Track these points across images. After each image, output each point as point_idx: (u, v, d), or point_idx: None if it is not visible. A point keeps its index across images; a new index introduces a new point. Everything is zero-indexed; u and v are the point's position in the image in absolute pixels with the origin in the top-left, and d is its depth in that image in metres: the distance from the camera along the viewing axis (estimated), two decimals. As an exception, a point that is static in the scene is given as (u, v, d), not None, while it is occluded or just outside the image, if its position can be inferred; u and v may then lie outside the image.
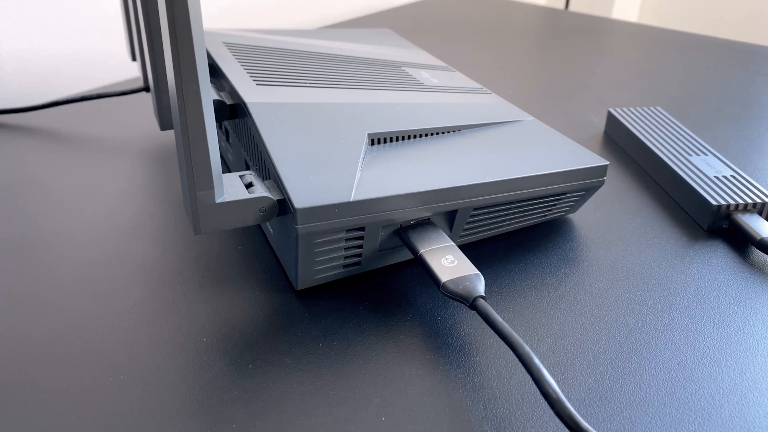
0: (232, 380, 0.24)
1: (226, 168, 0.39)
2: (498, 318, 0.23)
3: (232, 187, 0.26)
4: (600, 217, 0.34)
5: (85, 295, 0.28)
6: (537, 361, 0.21)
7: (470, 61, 0.59)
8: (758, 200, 0.33)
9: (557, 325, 0.27)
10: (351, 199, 0.26)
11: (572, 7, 1.37)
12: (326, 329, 0.26)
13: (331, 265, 0.28)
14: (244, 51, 0.38)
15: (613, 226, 0.33)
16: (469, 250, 0.31)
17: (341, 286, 0.29)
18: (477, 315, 0.27)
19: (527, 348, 0.22)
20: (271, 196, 0.26)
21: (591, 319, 0.27)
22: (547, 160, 0.31)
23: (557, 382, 0.24)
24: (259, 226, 0.33)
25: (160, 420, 0.22)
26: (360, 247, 0.28)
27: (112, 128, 0.44)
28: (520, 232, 0.33)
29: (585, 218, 0.34)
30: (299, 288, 0.28)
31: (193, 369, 0.24)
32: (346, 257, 0.28)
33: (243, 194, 0.25)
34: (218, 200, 0.25)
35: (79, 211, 0.34)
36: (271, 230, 0.30)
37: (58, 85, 0.53)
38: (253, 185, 0.26)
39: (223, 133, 0.37)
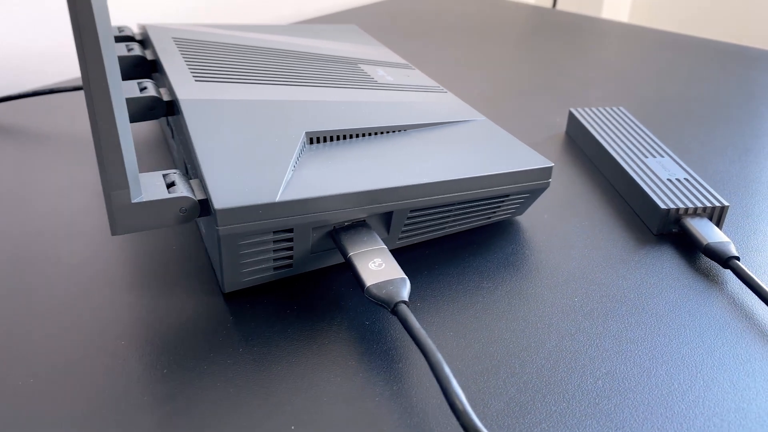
0: (144, 385, 0.23)
1: (180, 166, 0.38)
2: (416, 324, 0.23)
3: (152, 187, 0.25)
4: (548, 220, 0.33)
5: (5, 296, 0.27)
6: (447, 369, 0.21)
7: (443, 58, 0.58)
8: (708, 204, 0.32)
9: (487, 331, 0.26)
10: (276, 200, 0.25)
11: (561, 6, 1.36)
12: (249, 334, 0.25)
13: (260, 267, 0.27)
14: (191, 46, 0.37)
15: (560, 228, 0.33)
16: (409, 252, 0.31)
17: (272, 288, 0.28)
18: (406, 320, 0.26)
19: (439, 356, 0.21)
20: (192, 196, 0.25)
21: (523, 325, 0.26)
22: (489, 161, 0.30)
23: (479, 391, 0.23)
24: (195, 225, 0.32)
25: (64, 426, 0.21)
26: (290, 249, 0.27)
27: (62, 124, 0.43)
28: (463, 234, 0.32)
29: (532, 220, 0.33)
30: (226, 291, 0.27)
31: (107, 373, 0.24)
32: (275, 259, 0.27)
33: (162, 194, 0.25)
34: (135, 200, 0.24)
35: (17, 208, 0.33)
36: (203, 230, 0.30)
37: (9, 80, 0.53)
38: (175, 184, 0.26)
39: (170, 130, 0.37)
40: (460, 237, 0.32)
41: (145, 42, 0.40)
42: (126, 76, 0.36)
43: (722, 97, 0.50)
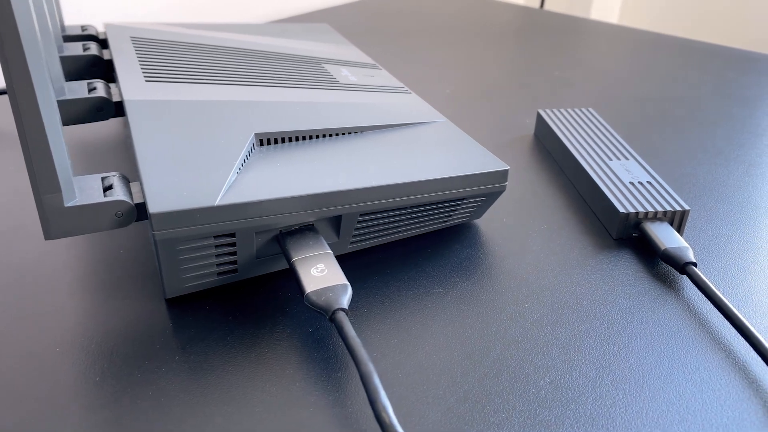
0: (74, 395, 0.22)
1: (134, 168, 0.38)
2: (351, 333, 0.22)
3: (88, 190, 0.25)
4: (507, 223, 0.33)
5: (-55, 301, 0.27)
6: (376, 380, 0.20)
7: (422, 58, 0.57)
8: (669, 208, 0.31)
9: (433, 338, 0.25)
10: (216, 204, 0.24)
11: (549, 7, 1.35)
12: (187, 341, 0.25)
13: (202, 272, 0.26)
14: (148, 46, 0.36)
15: (519, 232, 0.32)
16: (362, 256, 0.30)
17: (216, 294, 0.27)
18: (350, 327, 0.26)
19: (371, 366, 0.21)
20: (128, 200, 0.24)
21: (470, 333, 0.26)
22: (444, 164, 0.30)
23: (417, 401, 0.23)
24: (148, 228, 0.32)
25: (-16, 437, 0.21)
26: (233, 254, 0.27)
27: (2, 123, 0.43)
28: (419, 238, 0.31)
29: (491, 224, 0.33)
30: (168, 296, 0.27)
31: (37, 381, 0.23)
32: (218, 264, 0.27)
33: (97, 198, 0.24)
34: (68, 204, 0.24)
35: (-33, 211, 0.33)
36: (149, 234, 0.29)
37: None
38: (112, 188, 0.25)
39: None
40: (416, 241, 0.31)
41: (106, 41, 0.40)
42: (82, 75, 0.36)
43: (699, 99, 0.49)
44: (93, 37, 0.40)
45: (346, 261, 0.30)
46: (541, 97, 0.49)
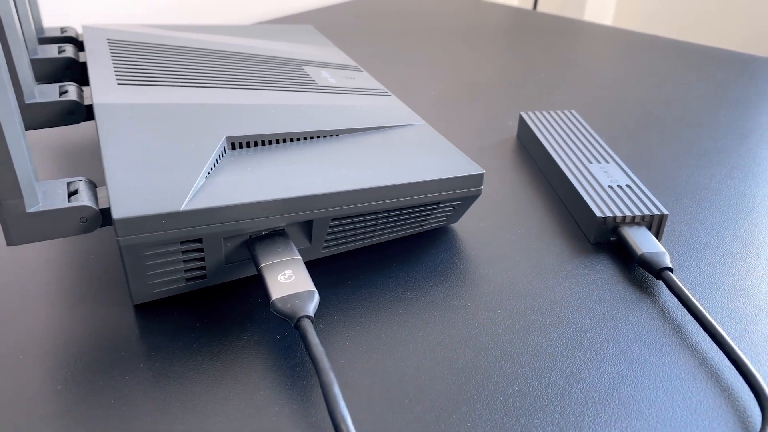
0: (34, 403, 0.22)
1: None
2: (314, 341, 0.22)
3: (53, 195, 0.24)
4: (484, 228, 0.32)
5: None
6: (336, 390, 0.20)
7: (410, 59, 0.57)
8: (647, 213, 0.31)
9: (403, 344, 0.25)
10: (181, 209, 0.24)
11: (543, 9, 1.34)
12: (152, 348, 0.25)
13: (170, 278, 0.26)
14: (124, 48, 0.36)
15: (496, 237, 0.32)
16: (335, 261, 0.30)
17: (185, 300, 0.27)
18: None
19: (332, 375, 0.20)
20: (92, 205, 0.24)
21: (440, 339, 0.25)
22: (418, 168, 0.29)
23: (383, 409, 0.22)
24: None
25: (-61, 447, 0.20)
26: (201, 259, 0.26)
27: None
28: (394, 243, 0.31)
29: (468, 228, 0.32)
30: (135, 302, 0.26)
31: (-2, 390, 0.23)
32: (186, 270, 0.26)
33: (61, 203, 0.24)
34: (31, 209, 0.23)
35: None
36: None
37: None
38: (77, 193, 0.25)
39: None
40: (391, 245, 0.31)
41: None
42: (58, 78, 0.35)
43: (688, 101, 0.49)
44: (72, 39, 0.40)
45: (319, 266, 0.29)
46: (528, 98, 0.49)
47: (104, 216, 0.25)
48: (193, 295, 0.27)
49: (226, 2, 0.69)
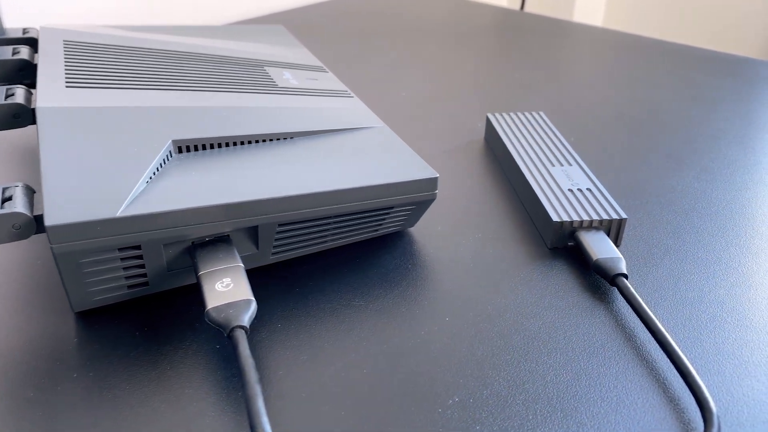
0: (-39, 415, 0.22)
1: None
2: (245, 352, 0.21)
3: (-15, 202, 0.24)
4: (441, 232, 0.32)
5: None
6: (260, 404, 0.19)
7: (386, 60, 0.56)
8: (605, 217, 0.30)
9: (345, 354, 0.25)
10: (117, 215, 0.24)
11: (532, 9, 1.33)
12: (88, 358, 0.24)
13: (110, 286, 0.26)
14: (79, 50, 0.35)
15: (453, 242, 0.31)
16: (286, 268, 0.29)
17: (129, 307, 0.27)
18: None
19: (257, 389, 0.20)
20: (26, 212, 0.24)
21: (384, 348, 0.25)
22: (371, 171, 0.29)
23: (317, 421, 0.22)
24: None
25: None
26: (142, 267, 0.26)
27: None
28: (348, 248, 0.31)
29: (425, 232, 0.32)
30: (76, 310, 0.26)
31: (-74, 401, 0.22)
32: (127, 278, 0.26)
33: (-8, 210, 0.23)
34: (-40, 217, 0.23)
35: None
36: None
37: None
38: (11, 199, 0.24)
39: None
40: (344, 250, 0.30)
41: (44, 44, 0.39)
42: (11, 80, 0.35)
43: (661, 101, 0.48)
44: (33, 41, 0.39)
45: (269, 272, 0.29)
46: (501, 100, 0.48)
47: (39, 223, 0.24)
48: (138, 302, 0.27)
49: (197, 4, 0.68)
